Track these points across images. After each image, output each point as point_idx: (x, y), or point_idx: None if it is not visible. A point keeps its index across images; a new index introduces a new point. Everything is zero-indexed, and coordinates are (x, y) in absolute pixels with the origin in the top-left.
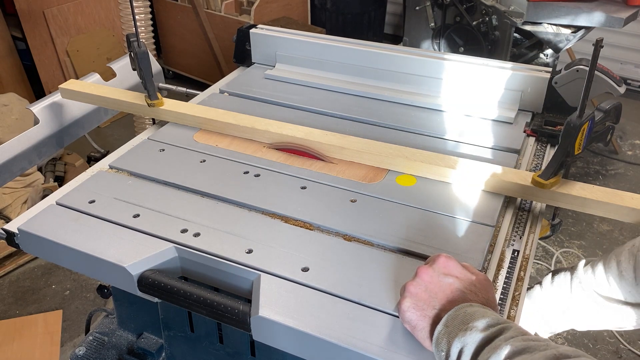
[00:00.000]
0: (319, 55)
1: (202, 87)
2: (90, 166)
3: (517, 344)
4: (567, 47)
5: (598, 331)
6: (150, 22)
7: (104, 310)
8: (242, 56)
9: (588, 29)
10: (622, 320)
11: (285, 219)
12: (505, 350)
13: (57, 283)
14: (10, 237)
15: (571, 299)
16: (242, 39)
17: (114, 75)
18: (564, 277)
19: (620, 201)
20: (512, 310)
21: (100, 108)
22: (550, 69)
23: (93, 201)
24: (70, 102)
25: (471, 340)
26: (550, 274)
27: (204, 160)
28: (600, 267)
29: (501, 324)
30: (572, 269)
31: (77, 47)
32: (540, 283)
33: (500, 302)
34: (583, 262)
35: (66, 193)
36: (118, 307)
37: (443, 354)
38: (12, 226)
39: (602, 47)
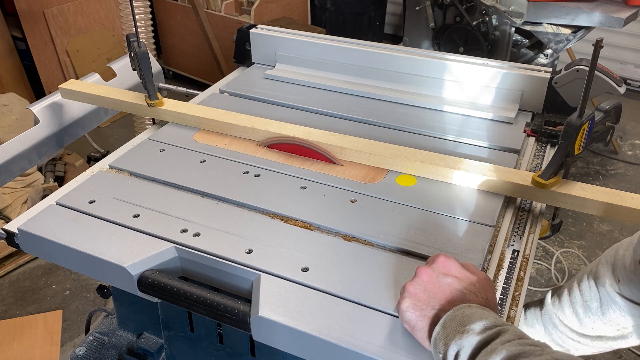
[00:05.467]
0: (319, 55)
1: (202, 87)
2: (90, 166)
3: (513, 348)
4: (567, 47)
5: None
6: (150, 22)
7: (104, 310)
8: (242, 56)
9: (588, 29)
10: (599, 350)
11: (285, 219)
12: (501, 355)
13: (57, 283)
14: (10, 237)
15: (547, 338)
16: (242, 39)
17: (114, 75)
18: (534, 313)
19: (620, 201)
20: (511, 311)
21: (100, 108)
22: (550, 69)
23: (93, 201)
24: (70, 102)
25: (467, 343)
26: (522, 310)
27: (204, 160)
28: (565, 298)
29: (498, 326)
30: (541, 303)
31: (77, 47)
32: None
33: (500, 302)
34: (550, 293)
35: (66, 193)
36: (118, 307)
37: (440, 355)
38: (12, 226)
39: (602, 47)
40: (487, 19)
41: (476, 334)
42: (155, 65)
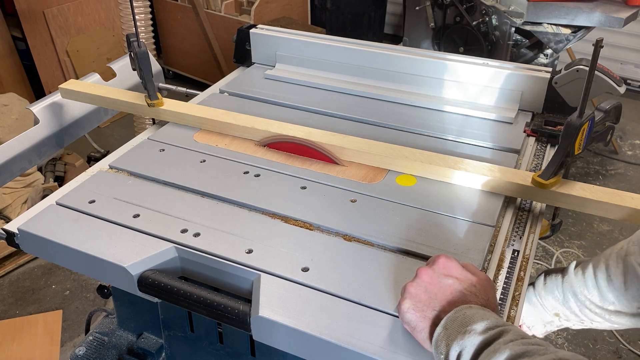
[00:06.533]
0: (319, 55)
1: (202, 87)
2: (90, 166)
3: (516, 347)
4: (567, 47)
5: (598, 331)
6: (150, 22)
7: (104, 310)
8: (242, 56)
9: (588, 29)
10: (613, 326)
11: (285, 219)
12: (504, 354)
13: (57, 283)
14: (10, 237)
15: (564, 305)
16: (242, 39)
17: (114, 75)
18: (555, 280)
19: (620, 201)
20: (512, 311)
21: (100, 108)
22: (550, 69)
23: (93, 201)
24: (70, 102)
25: (470, 343)
26: (542, 275)
27: (204, 160)
28: (590, 271)
29: (500, 326)
30: (563, 271)
31: (77, 47)
32: (533, 284)
33: (500, 302)
34: (574, 263)
35: (66, 193)
36: (118, 307)
37: (442, 356)
38: (12, 226)
39: (602, 47)
40: (487, 19)
41: (478, 334)
42: (155, 65)
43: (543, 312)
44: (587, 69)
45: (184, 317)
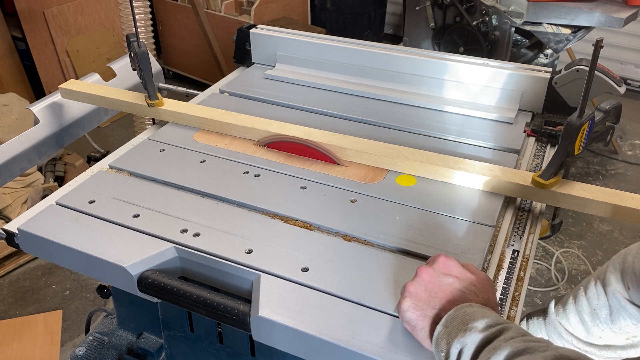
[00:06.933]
0: (319, 55)
1: (202, 87)
2: (90, 166)
3: (517, 344)
4: (567, 47)
5: None
6: (150, 22)
7: (104, 310)
8: (242, 56)
9: (588, 29)
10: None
11: (285, 219)
12: (505, 351)
13: (57, 283)
14: (10, 237)
15: None
16: (242, 39)
17: (114, 75)
18: (537, 323)
19: (620, 201)
20: (512, 310)
21: (100, 108)
22: (550, 69)
23: (93, 201)
24: (70, 102)
25: (470, 340)
26: (525, 319)
27: (204, 160)
28: (571, 306)
29: (501, 324)
30: (544, 313)
31: (77, 47)
32: None
33: (500, 302)
34: (553, 302)
35: (66, 193)
36: (118, 307)
37: (442, 354)
38: (12, 226)
39: (602, 47)
40: (487, 19)
41: (479, 332)
42: (155, 65)
43: None
44: (587, 69)
45: (183, 317)
